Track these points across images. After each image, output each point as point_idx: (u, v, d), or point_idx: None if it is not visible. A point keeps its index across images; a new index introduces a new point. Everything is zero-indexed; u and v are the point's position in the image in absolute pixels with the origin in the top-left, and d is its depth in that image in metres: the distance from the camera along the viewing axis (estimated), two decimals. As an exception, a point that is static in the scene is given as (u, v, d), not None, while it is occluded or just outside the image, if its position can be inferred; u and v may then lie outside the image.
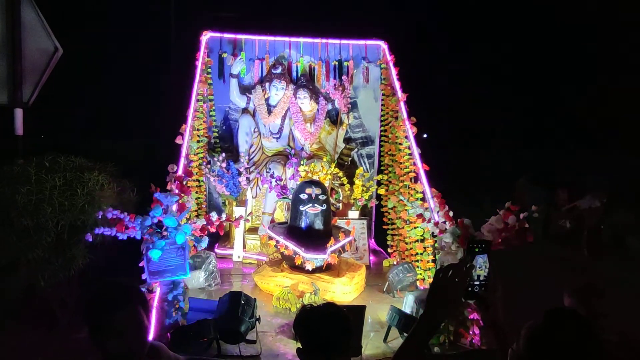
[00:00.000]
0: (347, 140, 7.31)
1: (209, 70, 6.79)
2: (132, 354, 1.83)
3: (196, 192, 6.30)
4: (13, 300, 4.95)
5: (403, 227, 5.87)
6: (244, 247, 6.43)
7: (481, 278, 1.72)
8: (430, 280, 5.16)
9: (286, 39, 7.09)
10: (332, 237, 5.16)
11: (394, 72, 6.51)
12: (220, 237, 6.53)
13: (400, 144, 6.02)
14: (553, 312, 1.89)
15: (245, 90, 7.02)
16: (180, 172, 4.95)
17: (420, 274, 5.33)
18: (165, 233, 3.98)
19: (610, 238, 11.04)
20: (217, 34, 6.92)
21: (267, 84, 6.84)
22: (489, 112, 20.48)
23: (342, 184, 6.60)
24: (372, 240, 7.06)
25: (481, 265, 1.72)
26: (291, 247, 5.08)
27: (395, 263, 5.96)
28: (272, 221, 6.35)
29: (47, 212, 4.92)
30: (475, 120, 20.40)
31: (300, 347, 1.99)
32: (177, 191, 4.26)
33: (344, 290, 4.97)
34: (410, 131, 5.83)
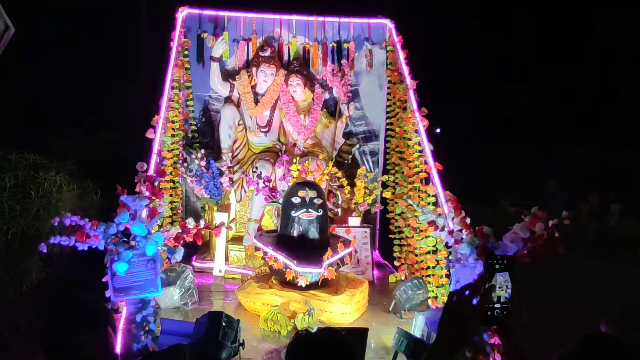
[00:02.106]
0: (348, 134, 7.29)
1: (186, 52, 6.77)
2: None
3: (170, 195, 6.27)
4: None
5: (412, 237, 5.86)
6: (227, 259, 6.40)
7: (502, 300, 1.68)
8: (444, 299, 5.14)
9: (276, 16, 7.08)
10: (329, 248, 5.13)
11: (401, 55, 6.51)
12: (198, 248, 6.50)
13: (409, 139, 6.01)
14: (587, 338, 1.87)
15: (229, 76, 6.99)
16: (151, 171, 4.92)
17: (432, 291, 5.32)
18: (133, 243, 3.94)
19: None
20: (196, 11, 6.90)
21: (254, 69, 6.81)
22: (514, 102, 20.53)
23: (342, 186, 6.58)
24: (376, 251, 7.04)
25: (502, 285, 1.68)
26: (281, 259, 5.05)
27: (403, 278, 5.95)
28: (260, 229, 6.32)
29: (-5, 218, 4.89)
30: (498, 112, 20.44)
31: None
32: (147, 193, 4.22)
33: (342, 310, 4.94)
34: (421, 124, 5.83)
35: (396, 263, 6.35)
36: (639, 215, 12.49)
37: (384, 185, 6.66)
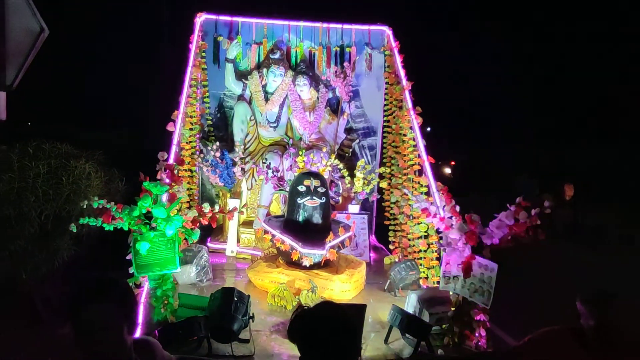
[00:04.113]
0: (348, 130, 7.24)
1: (203, 54, 6.71)
2: (108, 354, 1.78)
3: (188, 183, 6.24)
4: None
5: (406, 223, 5.81)
6: (238, 241, 6.37)
7: None
8: (434, 279, 5.12)
9: (285, 22, 7.02)
10: (331, 232, 5.10)
11: (398, 59, 6.44)
12: (212, 230, 6.48)
13: (405, 135, 5.96)
14: None
15: (242, 76, 6.93)
16: (171, 160, 4.89)
17: (424, 272, 5.29)
18: (154, 224, 3.91)
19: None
20: (213, 16, 6.84)
21: (265, 70, 6.76)
22: (500, 104, 20.54)
23: (343, 177, 6.53)
24: (373, 236, 7.01)
25: None
26: (288, 241, 5.02)
27: (397, 260, 5.91)
28: (268, 214, 6.29)
29: (30, 201, 4.87)
30: (484, 112, 20.47)
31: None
32: (167, 180, 4.19)
33: (342, 288, 4.91)
34: (415, 122, 5.77)
35: (391, 247, 6.31)
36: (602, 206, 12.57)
37: (381, 177, 6.61)
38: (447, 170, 16.43)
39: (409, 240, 5.67)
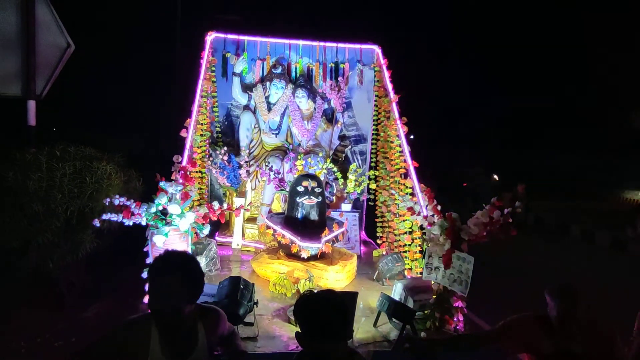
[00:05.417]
0: (342, 137, 7.25)
1: (213, 68, 6.70)
2: (171, 315, 1.93)
3: (198, 183, 6.23)
4: (23, 281, 4.88)
5: (392, 220, 5.83)
6: (243, 235, 6.37)
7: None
8: (418, 270, 5.14)
9: (286, 41, 7.01)
10: (326, 228, 5.11)
11: (386, 74, 6.47)
12: (220, 226, 6.47)
13: (392, 142, 5.98)
14: None
15: (247, 88, 6.94)
16: (184, 163, 4.89)
17: (408, 264, 5.31)
18: (169, 220, 3.91)
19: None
20: (222, 35, 6.83)
21: (268, 83, 6.77)
22: (471, 115, 20.72)
23: (337, 179, 6.55)
24: (363, 231, 7.02)
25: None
26: (288, 236, 5.03)
27: (384, 253, 5.93)
28: (270, 212, 6.29)
29: (57, 199, 4.85)
30: (460, 122, 20.62)
31: (300, 331, 1.90)
32: (181, 180, 4.19)
33: (336, 277, 4.92)
34: (402, 130, 5.80)
35: (379, 241, 6.32)
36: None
37: (370, 179, 6.62)
38: (495, 177, 16.54)
39: (395, 235, 5.70)
